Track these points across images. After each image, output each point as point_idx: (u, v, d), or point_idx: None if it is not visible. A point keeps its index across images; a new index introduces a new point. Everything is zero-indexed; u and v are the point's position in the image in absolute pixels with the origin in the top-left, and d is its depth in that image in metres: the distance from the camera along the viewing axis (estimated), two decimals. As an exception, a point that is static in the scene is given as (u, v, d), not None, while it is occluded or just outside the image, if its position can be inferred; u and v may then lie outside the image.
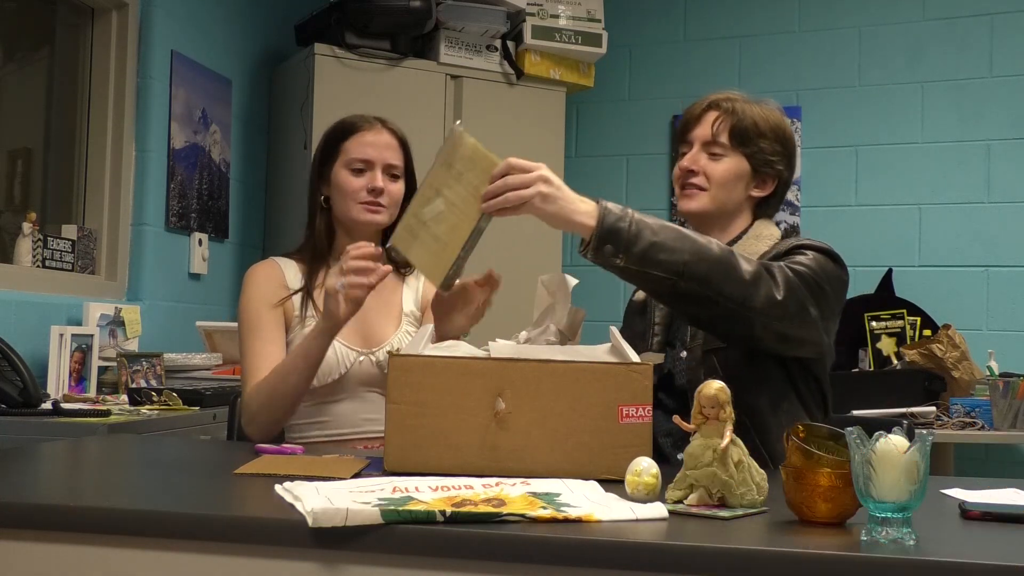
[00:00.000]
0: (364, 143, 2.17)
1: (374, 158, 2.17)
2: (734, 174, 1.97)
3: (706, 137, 1.98)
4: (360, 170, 2.16)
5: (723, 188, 1.97)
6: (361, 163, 2.16)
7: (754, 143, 1.97)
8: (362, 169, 2.16)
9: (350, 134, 2.19)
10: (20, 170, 3.60)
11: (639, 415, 1.57)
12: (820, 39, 4.65)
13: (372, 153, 2.17)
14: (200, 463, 1.82)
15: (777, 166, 1.99)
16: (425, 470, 1.54)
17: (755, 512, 1.33)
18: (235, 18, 4.22)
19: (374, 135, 2.19)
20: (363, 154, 2.17)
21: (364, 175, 2.16)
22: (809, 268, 1.81)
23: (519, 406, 1.57)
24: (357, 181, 2.16)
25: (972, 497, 1.47)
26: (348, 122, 2.21)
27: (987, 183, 4.39)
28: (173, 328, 3.73)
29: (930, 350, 3.78)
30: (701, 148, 1.99)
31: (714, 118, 1.98)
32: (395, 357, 1.61)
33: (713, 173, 1.97)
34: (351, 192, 2.16)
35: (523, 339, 1.79)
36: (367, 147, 2.17)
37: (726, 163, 1.97)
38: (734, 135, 1.97)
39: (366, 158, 2.16)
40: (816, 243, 1.89)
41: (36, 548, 1.29)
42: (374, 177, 2.16)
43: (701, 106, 2.01)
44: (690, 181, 1.98)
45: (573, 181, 1.79)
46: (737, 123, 1.97)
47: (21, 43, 3.64)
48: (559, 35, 4.39)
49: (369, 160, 2.17)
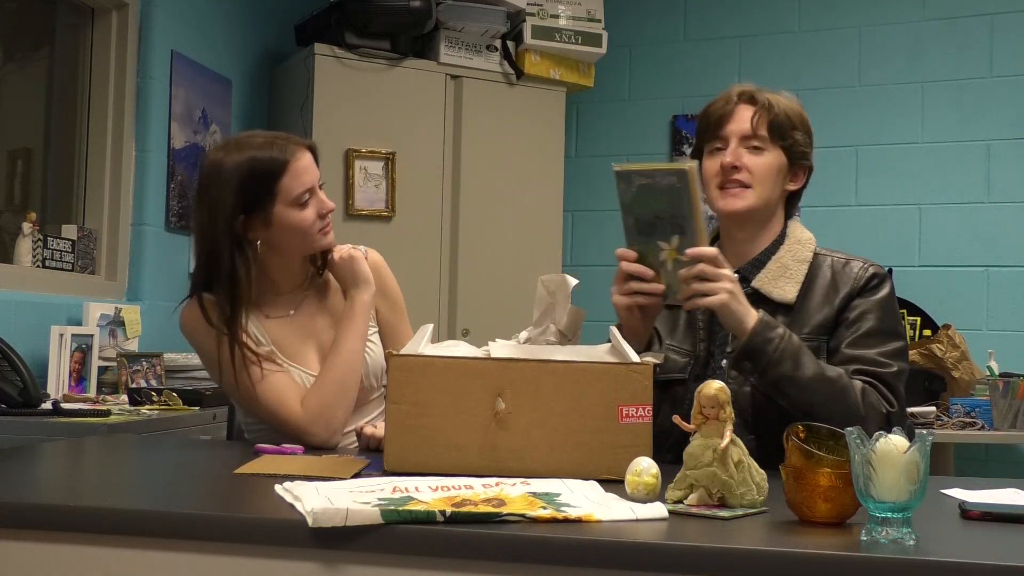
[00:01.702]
0: (300, 172, 1.99)
1: (312, 183, 2.01)
2: (776, 168, 1.92)
3: (745, 131, 1.91)
4: (306, 202, 2.00)
5: (766, 183, 1.91)
6: (307, 193, 2.00)
7: (790, 135, 1.92)
8: (308, 200, 2.00)
9: (281, 170, 1.98)
10: (20, 170, 3.60)
11: (639, 415, 1.57)
12: (820, 39, 4.65)
13: (310, 179, 2.01)
14: (200, 463, 1.82)
15: (810, 158, 1.97)
16: (425, 470, 1.54)
17: (755, 512, 1.33)
18: (235, 18, 4.22)
19: (301, 160, 2.00)
20: (304, 185, 1.99)
21: (311, 204, 2.00)
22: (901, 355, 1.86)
23: (519, 406, 1.57)
24: (308, 214, 2.00)
25: (972, 497, 1.47)
26: (268, 159, 1.98)
27: (987, 183, 4.39)
28: (173, 328, 3.70)
29: (930, 350, 3.78)
30: (740, 143, 1.91)
31: (752, 112, 1.92)
32: (395, 357, 1.61)
33: (757, 168, 1.90)
34: (307, 227, 2.00)
35: (523, 339, 1.79)
36: (304, 175, 2.00)
37: (768, 157, 1.91)
38: (772, 128, 1.91)
39: (308, 186, 2.00)
40: (881, 272, 1.91)
41: (36, 548, 1.29)
42: (320, 202, 2.02)
43: (731, 100, 1.94)
44: (734, 178, 1.90)
45: (573, 181, 1.81)
46: (774, 116, 1.91)
47: (21, 43, 3.64)
48: (559, 35, 4.39)
49: (311, 187, 2.01)
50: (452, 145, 4.30)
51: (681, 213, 1.73)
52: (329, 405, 1.98)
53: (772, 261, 1.91)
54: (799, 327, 1.84)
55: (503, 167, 4.36)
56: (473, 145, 4.32)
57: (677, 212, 1.73)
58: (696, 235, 1.74)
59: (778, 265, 1.90)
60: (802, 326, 1.85)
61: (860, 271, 1.90)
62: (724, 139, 1.93)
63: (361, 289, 2.05)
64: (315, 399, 1.98)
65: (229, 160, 1.98)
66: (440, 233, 4.25)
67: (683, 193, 1.72)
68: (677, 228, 1.74)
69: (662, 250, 1.76)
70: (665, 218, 1.75)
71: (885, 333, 1.85)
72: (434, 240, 4.25)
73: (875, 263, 1.93)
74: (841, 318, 1.86)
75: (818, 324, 1.85)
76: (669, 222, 1.75)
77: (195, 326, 2.07)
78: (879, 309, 1.87)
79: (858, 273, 1.89)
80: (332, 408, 1.98)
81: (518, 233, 4.37)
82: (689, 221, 1.73)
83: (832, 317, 1.86)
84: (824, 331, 1.85)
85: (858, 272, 1.89)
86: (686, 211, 1.73)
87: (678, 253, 1.75)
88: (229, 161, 1.98)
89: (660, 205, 1.74)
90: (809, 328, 1.85)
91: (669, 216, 1.74)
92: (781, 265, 1.90)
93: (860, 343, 1.84)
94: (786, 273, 1.89)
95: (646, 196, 1.75)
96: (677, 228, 1.74)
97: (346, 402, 2.01)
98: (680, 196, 1.72)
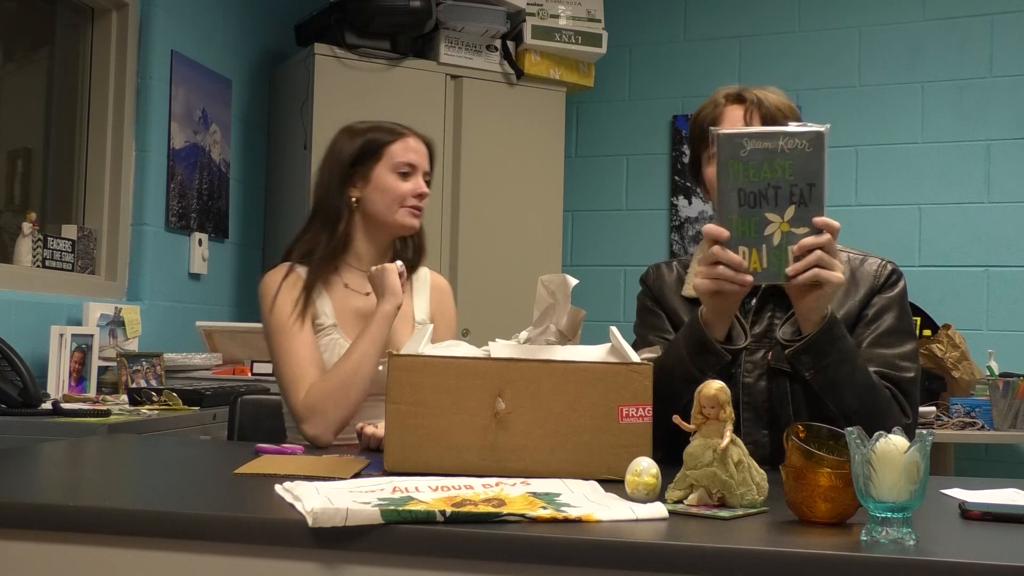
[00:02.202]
0: (409, 148, 2.21)
1: (418, 164, 2.21)
2: None
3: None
4: (406, 174, 2.19)
5: None
6: (408, 167, 2.19)
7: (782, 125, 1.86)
8: (408, 173, 2.19)
9: (396, 138, 2.21)
10: (20, 170, 3.60)
11: (639, 415, 1.57)
12: (820, 39, 4.65)
13: (416, 159, 2.21)
14: (200, 463, 1.82)
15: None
16: (425, 470, 1.54)
17: (755, 512, 1.33)
18: (235, 18, 4.22)
19: (415, 142, 2.23)
20: (410, 158, 2.20)
21: (410, 179, 2.20)
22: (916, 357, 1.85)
23: (519, 406, 1.57)
24: (405, 185, 2.18)
25: (972, 497, 1.47)
26: (387, 127, 2.23)
27: (987, 183, 4.39)
28: (173, 328, 3.73)
29: (930, 350, 3.78)
30: None
31: (743, 112, 1.90)
32: (395, 357, 1.61)
33: None
34: (399, 195, 2.18)
35: (523, 339, 1.79)
36: (411, 152, 2.21)
37: None
38: (766, 122, 1.89)
39: (412, 162, 2.20)
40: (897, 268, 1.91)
41: (36, 548, 1.29)
42: (419, 183, 2.20)
43: (718, 103, 1.93)
44: None
45: (573, 181, 1.79)
46: (766, 112, 1.90)
47: (21, 43, 3.64)
48: (559, 35, 4.39)
49: (415, 165, 2.20)
50: (452, 145, 4.30)
51: (807, 181, 1.61)
52: (328, 400, 2.01)
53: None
54: None
55: (503, 167, 4.36)
56: (473, 145, 4.32)
57: (801, 179, 1.61)
58: (822, 204, 1.61)
59: None
60: None
61: (879, 268, 1.90)
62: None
63: (386, 299, 2.09)
64: (317, 391, 2.03)
65: (359, 125, 2.24)
66: (440, 233, 4.25)
67: (814, 157, 1.61)
68: (795, 197, 1.61)
69: (770, 223, 1.62)
70: (782, 186, 1.61)
71: (903, 332, 1.86)
72: (434, 240, 4.25)
73: (890, 260, 1.94)
74: (861, 315, 1.86)
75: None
76: (787, 191, 1.61)
77: (273, 286, 2.17)
78: (897, 306, 1.88)
79: (877, 270, 1.90)
80: (331, 404, 2.01)
81: (518, 233, 4.37)
82: (816, 189, 1.61)
83: (854, 314, 1.86)
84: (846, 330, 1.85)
85: (877, 269, 1.90)
86: (814, 178, 1.61)
87: (792, 226, 1.61)
88: (359, 126, 2.24)
89: (779, 172, 1.61)
90: None
91: (788, 184, 1.61)
92: None
93: (880, 342, 1.84)
94: None
95: (761, 162, 1.61)
96: (795, 197, 1.61)
97: (347, 402, 2.02)
98: (810, 161, 1.61)
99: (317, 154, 3.92)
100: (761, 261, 1.63)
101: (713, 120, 1.92)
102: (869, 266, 1.91)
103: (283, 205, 4.38)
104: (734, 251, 1.62)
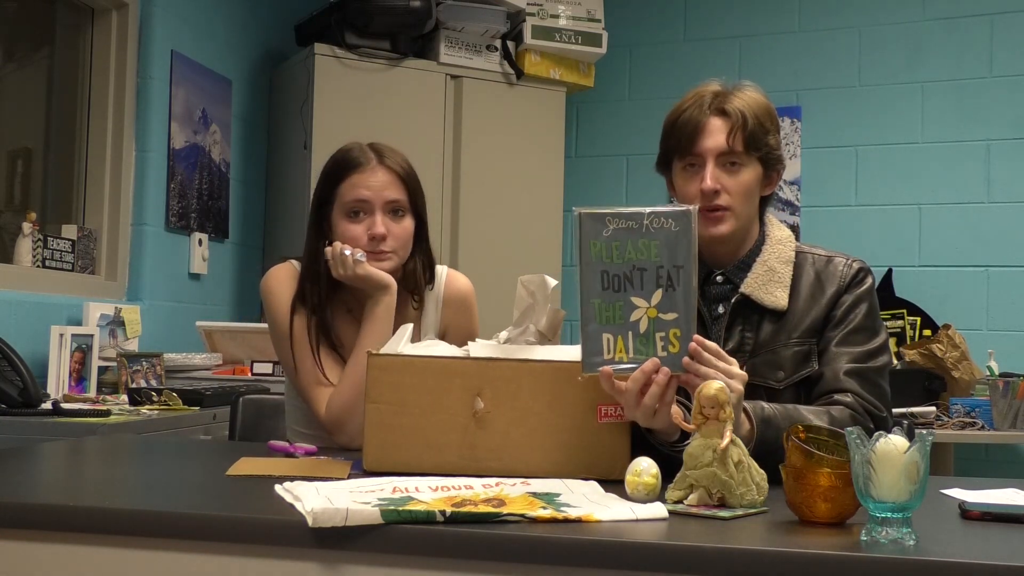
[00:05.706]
0: (358, 184, 1.96)
1: (371, 198, 1.96)
2: (754, 183, 1.86)
3: (721, 148, 1.82)
4: (357, 212, 1.96)
5: (746, 200, 1.84)
6: (357, 205, 1.96)
7: (764, 143, 1.85)
8: (358, 211, 1.96)
9: (344, 175, 1.97)
10: (20, 170, 3.60)
11: (617, 414, 1.57)
12: (820, 39, 4.64)
13: (368, 194, 1.95)
14: (200, 463, 1.82)
15: (783, 159, 1.92)
16: (404, 469, 1.54)
17: (755, 512, 1.33)
18: (235, 18, 4.22)
19: (369, 174, 1.97)
20: (359, 195, 1.95)
21: (363, 220, 1.96)
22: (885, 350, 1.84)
23: (498, 405, 1.58)
24: (355, 228, 1.96)
25: (972, 497, 1.47)
26: (342, 159, 1.99)
27: (987, 183, 4.39)
28: (173, 328, 3.73)
29: (930, 350, 3.78)
30: (716, 162, 1.82)
31: (728, 127, 1.83)
32: (374, 356, 1.60)
33: (736, 189, 1.82)
34: (350, 242, 1.95)
35: (503, 339, 1.78)
36: (361, 188, 1.96)
37: (746, 174, 1.83)
38: (749, 142, 1.83)
39: (362, 198, 1.96)
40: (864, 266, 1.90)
41: (36, 548, 1.29)
42: (373, 222, 1.95)
43: (703, 109, 1.87)
44: (716, 203, 1.80)
45: (573, 181, 1.78)
46: (749, 131, 1.83)
47: (21, 43, 3.64)
48: (559, 35, 4.39)
49: (365, 201, 1.96)
50: (452, 145, 4.30)
51: (673, 263, 1.52)
52: (347, 412, 1.93)
53: (757, 264, 1.87)
54: (789, 331, 1.83)
55: (503, 167, 4.36)
56: (473, 145, 4.32)
57: (668, 261, 1.52)
58: (691, 288, 1.52)
59: (764, 268, 1.87)
60: (792, 331, 1.83)
61: (845, 268, 1.89)
62: (698, 155, 1.84)
63: (380, 291, 1.95)
64: (337, 402, 1.95)
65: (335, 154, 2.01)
66: (440, 233, 4.25)
67: (682, 238, 1.52)
68: (662, 280, 1.52)
69: (635, 308, 1.53)
70: (648, 268, 1.52)
71: (871, 329, 1.85)
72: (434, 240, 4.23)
73: (857, 258, 1.91)
74: (830, 316, 1.85)
75: (807, 328, 1.84)
76: (653, 273, 1.52)
77: (276, 287, 2.03)
78: (866, 304, 1.86)
79: (843, 270, 1.88)
80: (353, 415, 1.90)
81: (518, 233, 4.37)
82: (685, 271, 1.52)
83: (821, 317, 1.84)
84: (813, 333, 1.84)
85: (843, 269, 1.88)
86: (682, 259, 1.52)
87: (659, 311, 1.52)
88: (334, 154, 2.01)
89: (644, 253, 1.53)
90: (799, 332, 1.83)
91: (654, 266, 1.52)
92: (768, 268, 1.87)
93: (849, 340, 1.83)
94: (774, 277, 1.86)
95: (625, 242, 1.52)
96: (662, 280, 1.52)
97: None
98: (678, 242, 1.52)
99: (317, 154, 3.94)
100: (627, 350, 1.52)
101: (695, 129, 1.85)
102: (834, 267, 1.88)
103: (283, 205, 4.38)
104: (597, 339, 1.53)
